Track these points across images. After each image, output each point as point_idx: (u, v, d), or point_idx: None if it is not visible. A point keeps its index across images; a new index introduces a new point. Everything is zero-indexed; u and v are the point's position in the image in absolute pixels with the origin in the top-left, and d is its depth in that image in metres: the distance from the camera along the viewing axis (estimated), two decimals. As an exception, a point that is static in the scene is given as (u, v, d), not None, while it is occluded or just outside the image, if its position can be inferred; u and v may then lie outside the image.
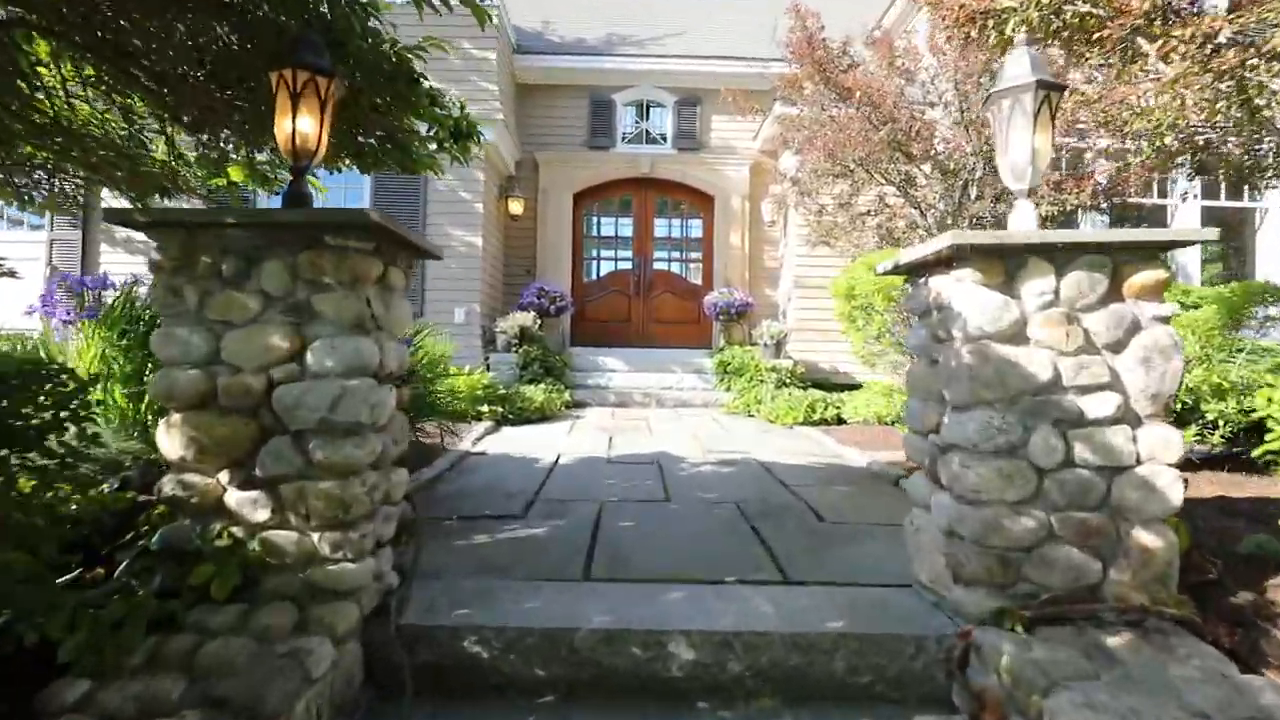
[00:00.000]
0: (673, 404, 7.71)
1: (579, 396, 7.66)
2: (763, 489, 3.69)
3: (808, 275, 8.37)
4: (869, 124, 5.55)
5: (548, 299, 8.53)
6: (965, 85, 5.61)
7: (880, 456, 4.61)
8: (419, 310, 7.95)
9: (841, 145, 5.75)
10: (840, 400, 6.51)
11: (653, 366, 8.37)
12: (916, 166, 5.99)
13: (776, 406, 6.56)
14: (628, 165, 9.45)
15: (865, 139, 5.52)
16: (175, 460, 1.91)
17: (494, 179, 8.72)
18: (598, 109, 9.51)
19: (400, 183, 8.02)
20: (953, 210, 6.07)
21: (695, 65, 9.31)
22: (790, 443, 5.37)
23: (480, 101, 8.03)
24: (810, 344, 8.36)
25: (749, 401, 7.15)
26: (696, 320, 9.57)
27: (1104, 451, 1.91)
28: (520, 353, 7.71)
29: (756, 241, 9.55)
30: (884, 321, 3.66)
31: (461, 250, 8.05)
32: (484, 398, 5.98)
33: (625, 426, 6.03)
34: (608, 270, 9.75)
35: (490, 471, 4.16)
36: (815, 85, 6.07)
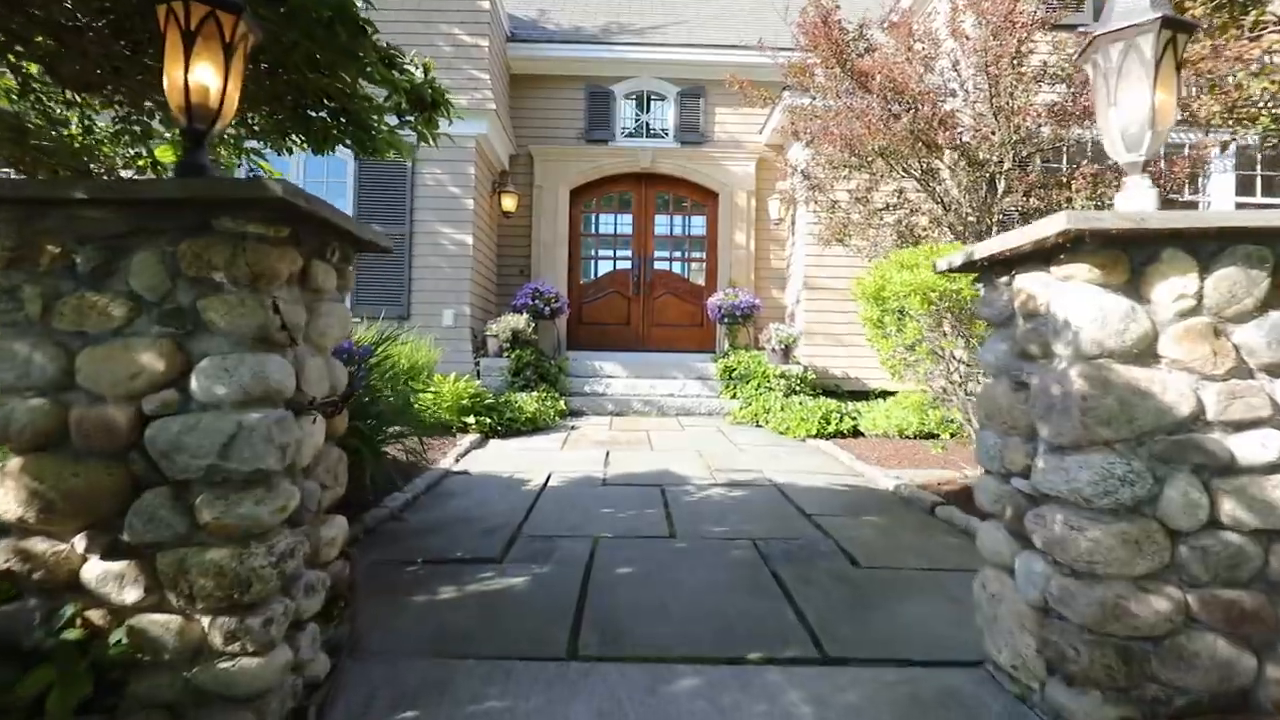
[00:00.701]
0: (675, 412, 7.22)
1: (575, 404, 7.18)
2: (781, 520, 3.20)
3: (818, 276, 7.89)
4: (890, 111, 5.07)
5: (542, 300, 8.04)
6: (995, 68, 5.12)
7: (905, 475, 4.13)
8: (404, 313, 7.48)
9: (860, 135, 5.26)
10: (856, 411, 6.02)
11: (653, 372, 7.88)
12: (938, 158, 5.51)
13: (787, 417, 6.07)
14: (627, 160, 8.98)
15: (886, 127, 5.04)
16: (13, 521, 1.42)
17: (486, 173, 8.24)
18: (595, 101, 9.03)
19: (386, 177, 7.55)
20: (978, 205, 5.59)
21: (698, 54, 8.83)
22: (805, 459, 4.88)
23: (471, 90, 7.56)
24: (820, 348, 7.88)
25: (757, 411, 6.67)
26: (699, 323, 9.09)
27: (1262, 509, 1.42)
28: (512, 357, 7.23)
29: (763, 240, 9.07)
30: (918, 328, 3.17)
31: (450, 249, 7.57)
32: (470, 408, 5.49)
33: (624, 439, 5.55)
34: (606, 270, 9.26)
35: (469, 497, 3.67)
36: (830, 70, 5.58)
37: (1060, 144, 5.51)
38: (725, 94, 8.86)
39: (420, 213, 7.58)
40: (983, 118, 5.52)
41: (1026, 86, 5.33)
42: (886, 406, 5.65)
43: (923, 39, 5.71)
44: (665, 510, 3.35)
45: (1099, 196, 5.25)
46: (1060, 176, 5.69)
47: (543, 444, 5.30)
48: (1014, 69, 5.06)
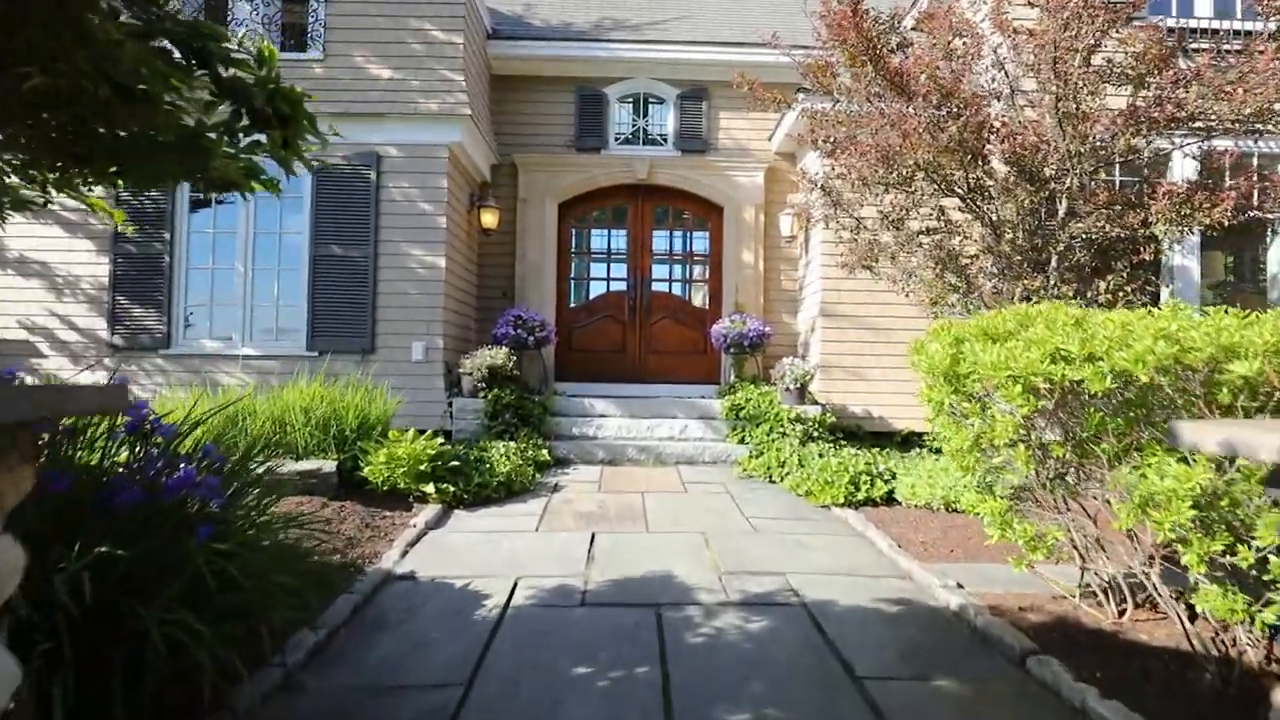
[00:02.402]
0: (675, 460, 6.32)
1: (562, 450, 6.28)
2: (824, 695, 2.30)
3: (837, 303, 7.00)
4: (937, 118, 4.17)
5: (525, 329, 7.15)
6: (1065, 66, 4.23)
7: (966, 578, 3.25)
8: (368, 345, 6.59)
9: (897, 146, 4.37)
10: (890, 470, 5.12)
11: (651, 410, 6.98)
12: (985, 173, 4.62)
13: (808, 475, 5.17)
14: (622, 169, 8.09)
15: (932, 138, 4.14)
16: None
17: (462, 186, 7.35)
18: (587, 104, 8.14)
19: (346, 192, 6.66)
20: (1032, 228, 4.70)
21: (701, 52, 7.94)
22: (835, 549, 3.98)
23: (443, 94, 6.67)
24: (839, 383, 6.99)
25: (769, 462, 5.77)
26: (703, 351, 8.19)
27: None
28: (489, 398, 6.33)
29: (772, 259, 8.17)
30: (1014, 424, 2.26)
31: (421, 273, 6.68)
32: (430, 473, 4.59)
33: (613, 510, 4.64)
34: (599, 292, 8.36)
35: (404, 631, 2.77)
36: (859, 70, 4.69)
37: (1135, 156, 4.62)
38: (731, 96, 7.96)
39: (386, 232, 6.68)
40: (1032, 122, 4.64)
41: (1095, 88, 4.44)
42: (929, 469, 4.75)
43: (964, 33, 4.82)
44: (662, 669, 2.45)
45: (1185, 220, 4.36)
46: (1128, 193, 4.80)
47: (515, 520, 4.40)
48: (1087, 66, 4.16)
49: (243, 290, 6.68)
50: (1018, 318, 2.50)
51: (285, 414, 4.64)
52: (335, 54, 6.75)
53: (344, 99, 6.64)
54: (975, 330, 2.56)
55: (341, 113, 6.59)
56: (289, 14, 6.92)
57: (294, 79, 6.11)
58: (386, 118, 6.66)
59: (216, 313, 6.72)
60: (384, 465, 4.54)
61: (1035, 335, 2.22)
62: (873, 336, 6.99)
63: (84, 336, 6.67)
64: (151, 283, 6.64)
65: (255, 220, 6.73)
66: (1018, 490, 2.68)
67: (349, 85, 6.69)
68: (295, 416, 4.62)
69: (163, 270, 6.64)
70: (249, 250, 6.69)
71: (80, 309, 6.67)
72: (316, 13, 6.72)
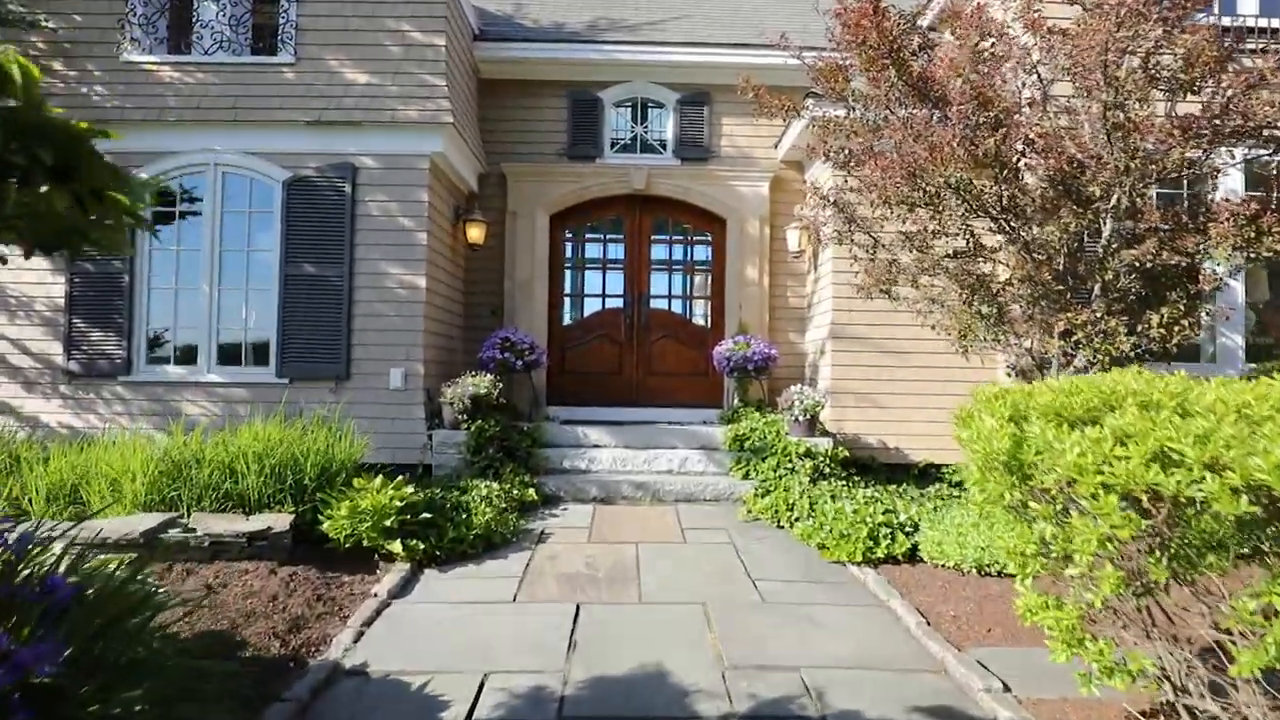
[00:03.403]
0: (674, 498, 5.81)
1: (551, 487, 5.78)
2: None
3: (849, 324, 6.48)
4: (974, 130, 3.66)
5: (514, 352, 6.65)
6: (1117, 71, 3.72)
7: (1000, 661, 2.74)
8: (342, 371, 6.09)
9: (924, 161, 3.86)
10: (912, 520, 4.60)
11: (648, 440, 6.48)
12: (1019, 189, 4.11)
13: (821, 524, 4.66)
14: (618, 179, 7.59)
15: (967, 153, 3.63)
16: None
17: (445, 199, 6.85)
18: (580, 110, 7.64)
19: (320, 206, 6.17)
20: (1073, 252, 4.18)
21: (702, 54, 7.43)
22: (855, 628, 3.47)
23: (423, 100, 6.18)
24: (850, 410, 6.47)
25: (778, 505, 5.26)
26: (704, 372, 7.69)
27: None
28: (472, 430, 5.83)
29: (778, 275, 7.66)
30: (1101, 537, 1.71)
31: (400, 293, 6.18)
32: (397, 529, 4.09)
33: (604, 570, 4.13)
34: (594, 310, 7.86)
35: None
36: (879, 75, 4.18)
37: (1189, 171, 4.11)
38: (734, 102, 7.47)
39: (362, 249, 6.19)
40: (1066, 130, 4.13)
41: (1144, 94, 3.93)
42: (956, 522, 4.23)
43: (993, 34, 4.31)
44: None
45: (1253, 245, 3.84)
46: (1178, 211, 4.28)
47: (491, 585, 3.89)
48: (1143, 71, 3.65)
49: (208, 312, 6.20)
50: (1099, 392, 2.00)
51: (236, 461, 4.14)
52: (308, 57, 6.26)
53: (317, 106, 6.16)
54: (1043, 407, 2.05)
55: (315, 120, 6.13)
56: (258, 14, 6.44)
57: (264, 84, 5.60)
58: (363, 126, 6.17)
59: (180, 336, 6.23)
60: (346, 519, 4.04)
61: (1130, 424, 1.72)
62: (888, 360, 6.49)
63: (38, 362, 6.18)
64: (110, 304, 6.16)
65: (222, 236, 6.24)
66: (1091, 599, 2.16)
67: (323, 91, 6.20)
68: (248, 464, 4.12)
69: (122, 291, 6.15)
70: (215, 269, 6.21)
71: (34, 332, 6.19)
72: (288, 13, 6.23)
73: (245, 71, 6.25)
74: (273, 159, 6.19)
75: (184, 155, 6.22)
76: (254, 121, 6.16)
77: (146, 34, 6.29)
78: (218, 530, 3.65)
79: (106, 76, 6.23)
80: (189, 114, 6.16)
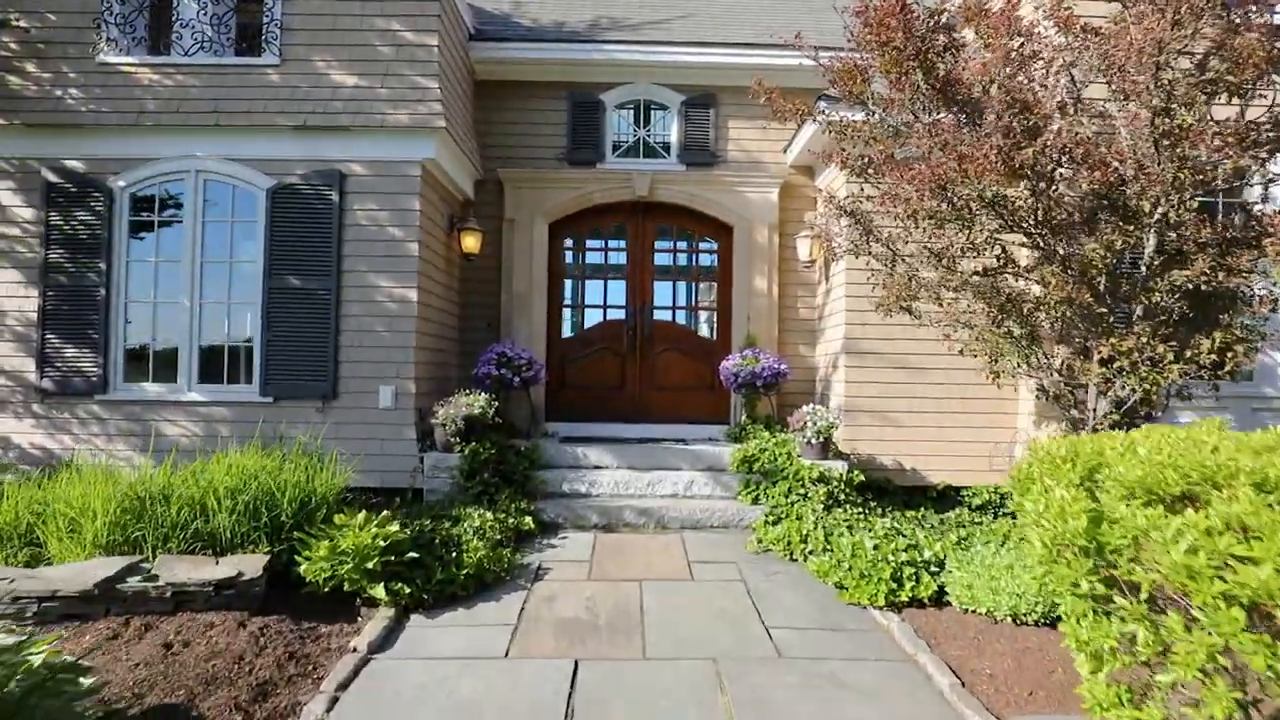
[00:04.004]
0: (679, 525, 5.49)
1: (549, 513, 5.46)
2: None
3: (863, 338, 6.15)
4: (1009, 138, 3.33)
5: (510, 368, 6.33)
6: (1168, 74, 3.39)
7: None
8: (329, 390, 5.77)
9: (952, 173, 3.52)
10: (937, 556, 4.25)
11: (652, 461, 6.15)
12: (1054, 201, 3.77)
13: (838, 560, 4.33)
14: (620, 185, 7.26)
15: (1005, 163, 3.30)
16: None
17: (439, 207, 6.53)
18: (581, 112, 7.32)
19: (306, 215, 5.85)
20: (1110, 270, 3.85)
21: (708, 54, 7.10)
22: (882, 692, 3.15)
23: (414, 103, 5.86)
24: (865, 429, 6.15)
25: (790, 535, 4.93)
26: (710, 386, 7.36)
27: None
28: (466, 453, 5.50)
29: (788, 285, 7.33)
30: (1210, 647, 1.38)
31: (390, 307, 5.86)
32: (379, 570, 3.76)
33: (604, 617, 3.81)
34: (595, 322, 7.54)
35: None
36: (905, 78, 3.85)
37: (1240, 182, 3.78)
38: (742, 104, 7.16)
39: (350, 260, 5.87)
40: (1102, 136, 3.80)
41: (1191, 99, 3.59)
42: (987, 562, 3.89)
43: (1020, 34, 3.98)
44: None
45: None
46: (1226, 225, 3.94)
47: (482, 635, 3.56)
48: (1200, 73, 3.32)
49: (189, 327, 5.88)
50: (1197, 465, 1.66)
51: (207, 497, 3.82)
52: (293, 58, 5.94)
53: (303, 110, 5.84)
54: (1127, 480, 1.72)
55: (300, 125, 5.82)
56: (242, 13, 6.12)
57: (247, 86, 5.28)
58: (351, 131, 5.85)
59: (160, 353, 5.92)
60: (325, 561, 3.72)
61: (1247, 513, 1.39)
62: (904, 376, 6.16)
63: (10, 380, 5.87)
64: (86, 319, 5.85)
65: (203, 248, 5.92)
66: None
67: (309, 94, 5.88)
68: (219, 501, 3.80)
69: (98, 305, 5.84)
70: (196, 282, 5.89)
71: (5, 348, 5.88)
72: (272, 12, 5.91)
73: (227, 73, 5.93)
74: (256, 165, 5.88)
75: (163, 161, 5.90)
76: (237, 126, 5.84)
77: (124, 34, 5.97)
78: (182, 578, 3.33)
79: (82, 79, 5.92)
80: (168, 118, 5.84)
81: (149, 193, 5.95)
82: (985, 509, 6.01)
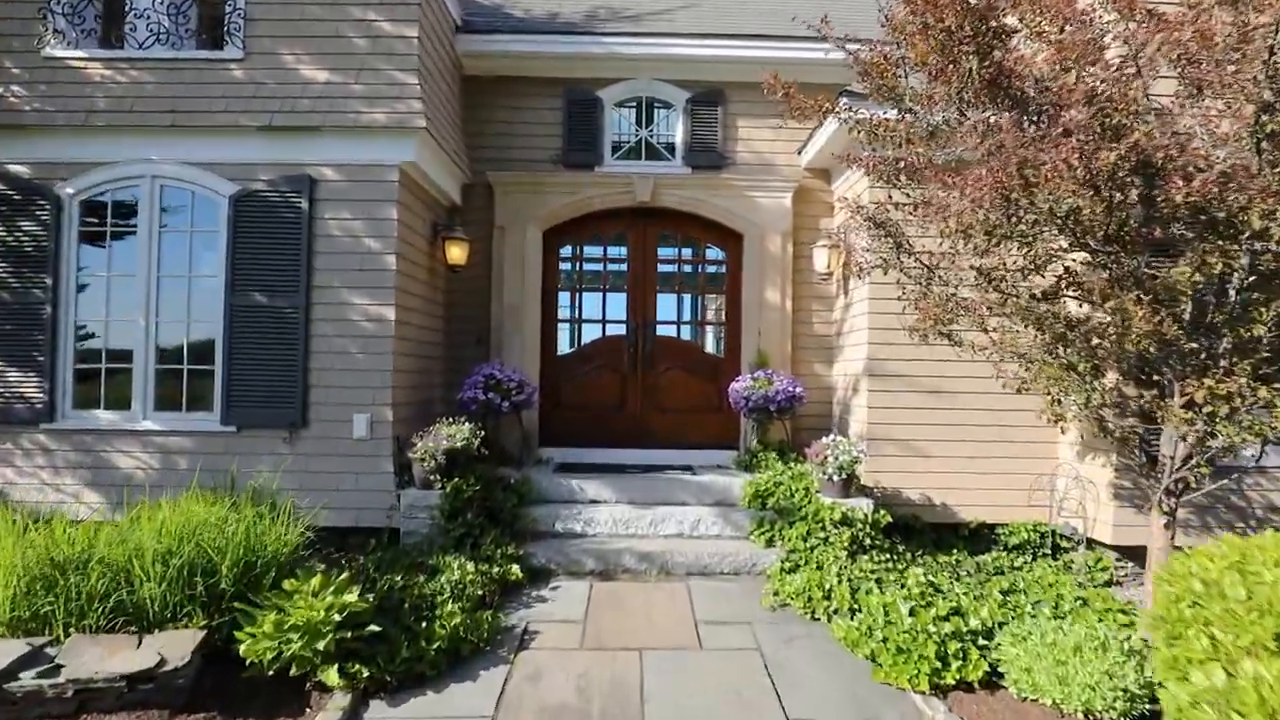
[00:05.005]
0: (685, 571, 4.91)
1: (539, 559, 4.88)
2: None
3: (888, 359, 5.57)
4: (1090, 141, 2.74)
5: (499, 392, 5.77)
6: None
7: None
8: (296, 418, 5.21)
9: (1016, 180, 2.94)
10: (984, 623, 3.66)
11: (655, 494, 5.59)
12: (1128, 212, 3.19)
13: (869, 626, 3.75)
14: (620, 189, 6.69)
15: (1086, 168, 2.72)
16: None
17: (421, 215, 5.97)
18: (577, 111, 6.75)
19: (272, 224, 5.30)
20: (1198, 298, 3.26)
21: (716, 47, 6.52)
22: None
23: (392, 101, 5.29)
24: (889, 460, 5.56)
25: (810, 587, 4.35)
26: (718, 407, 6.79)
27: None
28: (447, 491, 4.94)
29: (802, 298, 6.75)
30: None
31: (366, 327, 5.30)
32: (331, 650, 3.20)
33: (597, 704, 3.24)
34: (592, 337, 6.97)
35: None
36: (953, 66, 3.27)
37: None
38: (752, 101, 6.59)
39: (322, 275, 5.31)
40: (1179, 136, 3.20)
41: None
42: (1050, 638, 3.30)
43: (1079, 19, 3.39)
44: None
45: None
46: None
47: (454, 730, 3.01)
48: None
49: (144, 349, 5.33)
50: None
51: (133, 561, 3.26)
52: (258, 51, 5.38)
53: (269, 108, 5.28)
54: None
55: (266, 125, 5.26)
56: (202, 3, 5.56)
57: (208, 83, 4.70)
58: (322, 131, 5.29)
59: (112, 377, 5.37)
60: (270, 639, 3.16)
61: None
62: (933, 401, 5.58)
63: (-52, 406, 5.33)
64: (31, 339, 5.30)
65: (160, 260, 5.37)
66: None
67: (275, 91, 5.32)
68: (146, 565, 3.24)
69: (44, 323, 5.29)
70: (152, 299, 5.34)
71: (-57, 372, 5.34)
72: (235, 1, 5.35)
73: (186, 69, 5.37)
74: (218, 170, 5.32)
75: (116, 166, 5.35)
76: (196, 126, 5.28)
77: (72, 25, 5.42)
78: (89, 670, 2.77)
79: (26, 75, 5.37)
80: (121, 117, 5.29)
81: (101, 200, 5.39)
82: (1023, 549, 5.43)
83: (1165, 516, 3.47)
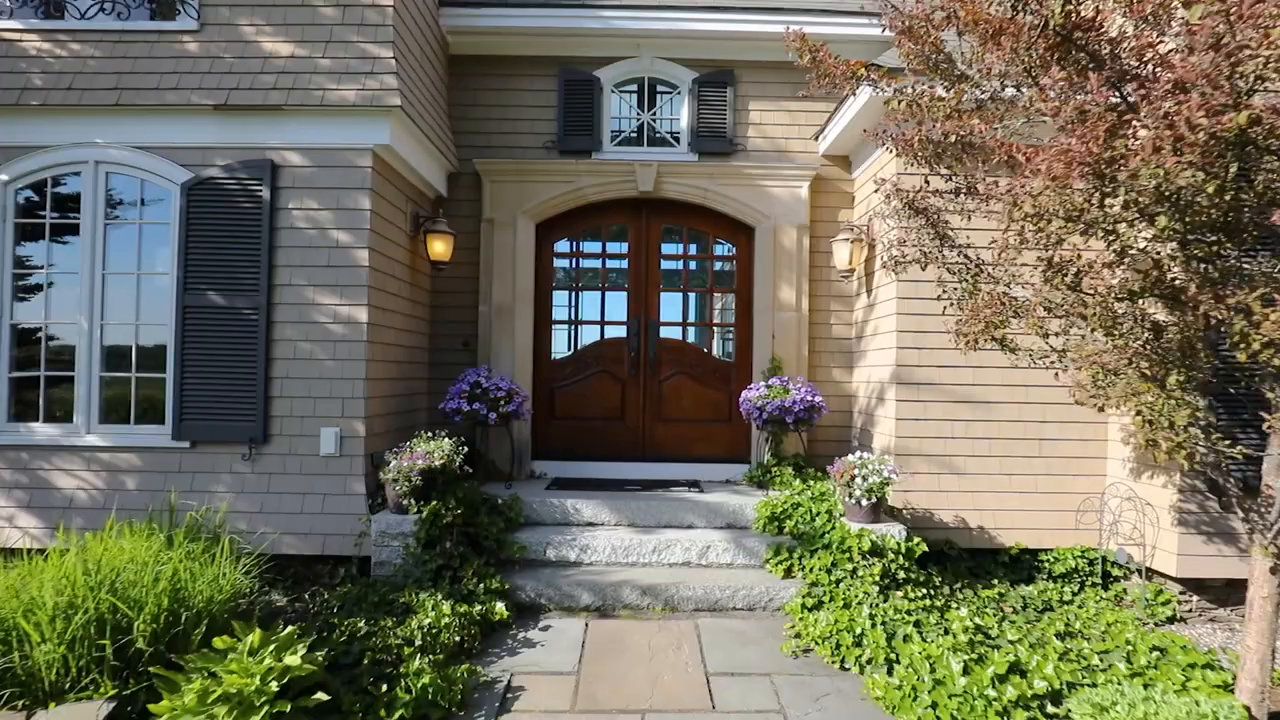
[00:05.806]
0: (693, 605, 4.34)
1: (528, 593, 4.31)
2: None
3: (918, 365, 5.00)
4: (1220, 94, 2.16)
5: (485, 401, 5.20)
6: None
7: None
8: (257, 433, 4.64)
9: (1111, 158, 2.36)
10: (1050, 684, 3.08)
11: (658, 516, 5.02)
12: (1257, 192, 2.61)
13: (914, 683, 3.17)
14: (620, 179, 6.11)
15: (1210, 133, 2.14)
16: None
17: (399, 204, 5.39)
18: (574, 92, 6.16)
19: (231, 214, 4.73)
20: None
21: (725, 21, 5.93)
22: None
23: (363, 77, 4.72)
24: (919, 478, 4.99)
25: (839, 630, 3.77)
26: (727, 417, 6.22)
27: None
28: (424, 516, 4.36)
29: (819, 296, 6.17)
30: None
31: (335, 330, 4.73)
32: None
33: (593, 788, 2.67)
34: (590, 340, 6.39)
35: None
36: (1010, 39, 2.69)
37: None
38: (765, 81, 6.01)
39: (285, 272, 4.74)
40: None
41: None
42: (1140, 711, 2.73)
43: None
44: None
45: None
46: None
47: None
48: None
49: (88, 354, 4.77)
50: None
51: (26, 618, 2.68)
52: (215, 22, 4.81)
53: (226, 84, 4.71)
54: None
55: (222, 104, 4.69)
56: (153, -32, 4.98)
57: (158, 58, 4.02)
58: (284, 110, 4.72)
59: (52, 386, 4.81)
60: (192, 713, 2.59)
61: None
62: (967, 412, 5.00)
63: None
64: (-38, 344, 4.74)
65: (105, 257, 4.80)
66: None
67: (233, 66, 4.75)
68: (42, 622, 2.67)
69: (-24, 327, 4.73)
70: (97, 298, 4.78)
71: None
72: (189, -35, 4.78)
73: (134, 41, 4.81)
74: (169, 155, 4.76)
75: (55, 150, 4.78)
76: (145, 106, 4.71)
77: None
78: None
79: (-45, 48, 4.80)
80: (60, 95, 4.72)
81: (39, 189, 4.83)
82: (1070, 578, 4.86)
83: (1273, 559, 2.89)
